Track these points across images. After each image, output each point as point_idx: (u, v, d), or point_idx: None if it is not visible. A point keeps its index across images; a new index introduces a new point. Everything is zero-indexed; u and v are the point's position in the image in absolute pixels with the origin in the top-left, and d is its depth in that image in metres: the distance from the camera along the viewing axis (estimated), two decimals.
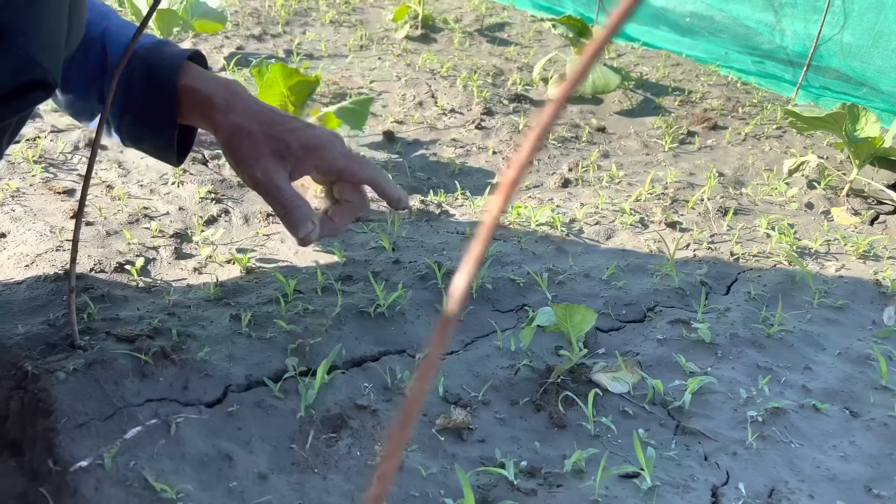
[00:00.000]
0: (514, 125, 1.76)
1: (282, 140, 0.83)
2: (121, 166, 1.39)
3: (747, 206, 1.40)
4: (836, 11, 1.95)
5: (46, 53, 0.83)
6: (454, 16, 2.85)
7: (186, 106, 0.88)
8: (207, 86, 0.86)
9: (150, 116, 0.87)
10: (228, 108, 0.85)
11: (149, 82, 0.85)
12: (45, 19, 0.81)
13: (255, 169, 0.82)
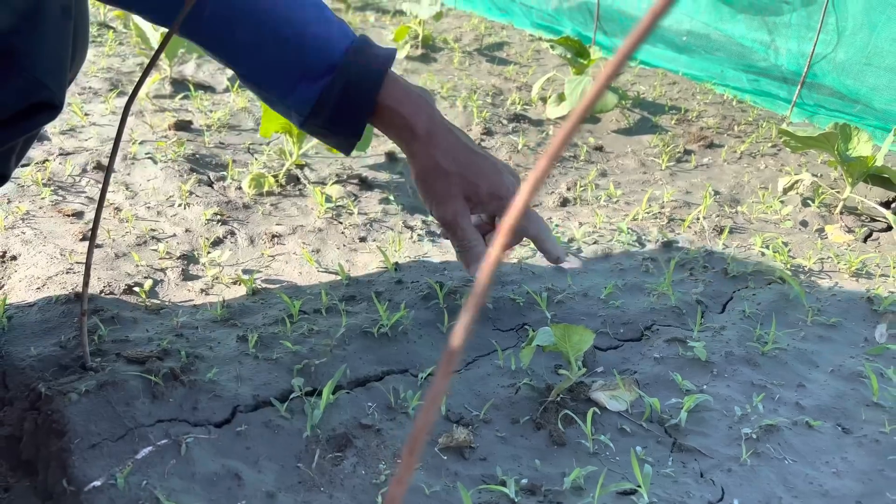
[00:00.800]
0: (513, 145, 1.79)
1: (474, 184, 0.90)
2: (128, 188, 1.42)
3: (742, 225, 1.43)
4: (830, 30, 1.98)
5: (52, 75, 0.86)
6: (454, 35, 2.89)
7: (381, 122, 0.91)
8: (408, 109, 0.90)
9: (338, 126, 0.90)
10: (430, 141, 0.90)
11: (346, 99, 0.88)
12: (50, 43, 0.84)
13: (444, 208, 0.90)
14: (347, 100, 0.90)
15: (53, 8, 0.83)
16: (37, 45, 0.82)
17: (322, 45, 0.90)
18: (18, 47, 0.80)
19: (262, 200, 1.42)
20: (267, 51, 0.90)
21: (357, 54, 0.91)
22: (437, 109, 0.93)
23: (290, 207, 1.40)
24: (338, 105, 0.90)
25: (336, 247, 1.27)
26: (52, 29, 0.83)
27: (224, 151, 1.63)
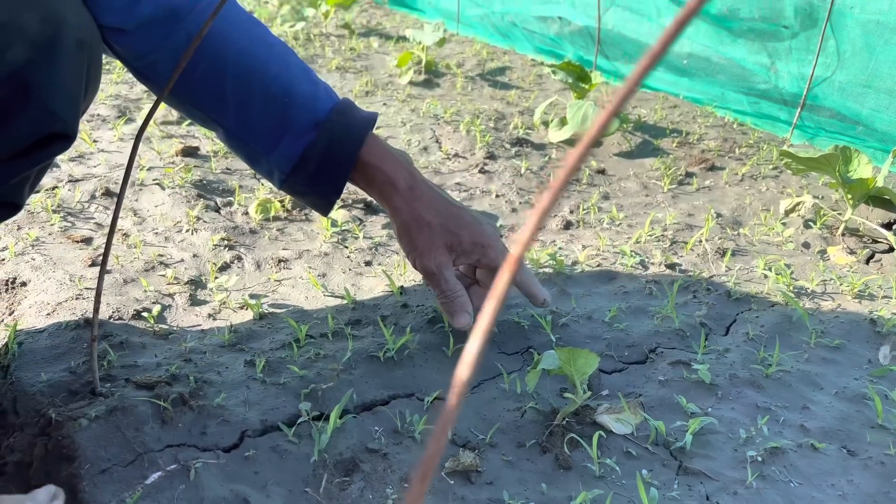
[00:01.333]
0: (516, 169, 1.81)
1: (456, 234, 0.96)
2: (136, 214, 1.44)
3: (745, 247, 1.44)
4: (830, 53, 2.01)
5: (66, 107, 0.88)
6: (456, 61, 2.93)
7: (363, 178, 0.98)
8: (389, 166, 0.96)
9: (320, 184, 0.96)
10: (412, 195, 0.96)
11: (329, 155, 0.94)
12: (65, 76, 0.86)
13: (427, 259, 0.96)
14: (331, 156, 0.94)
15: (69, 41, 0.85)
16: (52, 77, 0.84)
17: (308, 103, 0.95)
18: (34, 80, 0.83)
19: (269, 225, 1.43)
20: (255, 107, 0.94)
21: (341, 114, 0.96)
22: (419, 172, 0.99)
23: (296, 232, 1.42)
24: (321, 161, 0.94)
25: (342, 271, 1.29)
26: (67, 62, 0.86)
27: (230, 177, 1.65)
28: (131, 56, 0.96)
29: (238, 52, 0.94)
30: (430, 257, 0.98)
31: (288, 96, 0.95)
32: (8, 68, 0.81)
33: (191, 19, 0.93)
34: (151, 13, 0.93)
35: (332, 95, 0.99)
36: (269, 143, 0.96)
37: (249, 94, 0.95)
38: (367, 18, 3.73)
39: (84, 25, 0.88)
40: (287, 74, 0.97)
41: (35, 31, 0.82)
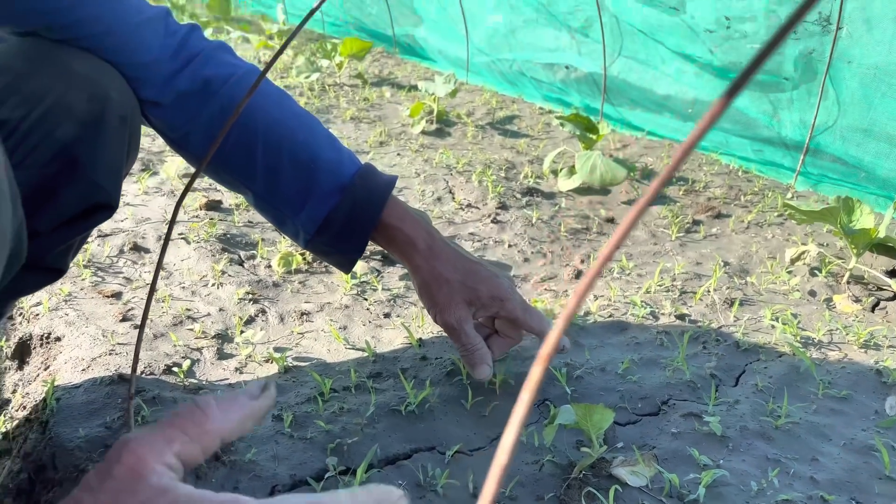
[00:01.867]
0: (527, 219, 1.86)
1: (474, 289, 1.03)
2: (164, 268, 1.49)
3: (752, 297, 1.48)
4: (830, 102, 2.07)
5: (110, 179, 0.94)
6: (466, 110, 3.01)
7: (385, 238, 1.05)
8: (409, 227, 1.02)
9: (343, 243, 1.03)
10: (431, 253, 1.03)
11: (352, 217, 1.01)
12: (109, 150, 0.93)
13: (448, 315, 1.02)
14: (354, 218, 1.01)
15: (113, 117, 0.92)
16: (98, 152, 0.90)
17: (333, 168, 1.02)
18: (81, 155, 0.89)
19: (291, 278, 1.49)
20: (284, 173, 1.01)
21: (363, 178, 1.03)
22: (438, 231, 1.05)
23: (317, 285, 1.47)
24: (345, 223, 1.01)
25: (362, 323, 1.33)
26: (111, 136, 0.92)
27: (253, 230, 1.71)
28: (167, 127, 1.03)
29: (268, 122, 1.01)
30: (451, 313, 1.03)
31: (314, 162, 1.01)
32: (58, 145, 0.87)
33: (223, 92, 1.00)
34: (187, 87, 0.99)
35: (354, 161, 1.05)
36: (296, 207, 1.02)
37: (278, 161, 1.00)
38: (379, 68, 3.84)
39: (126, 101, 0.95)
40: (313, 142, 1.03)
41: (83, 109, 0.88)
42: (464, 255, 1.06)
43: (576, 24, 2.84)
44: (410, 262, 1.04)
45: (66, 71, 0.89)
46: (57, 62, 0.89)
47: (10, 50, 0.90)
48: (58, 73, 0.88)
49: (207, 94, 1.00)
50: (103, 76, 0.93)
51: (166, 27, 1.00)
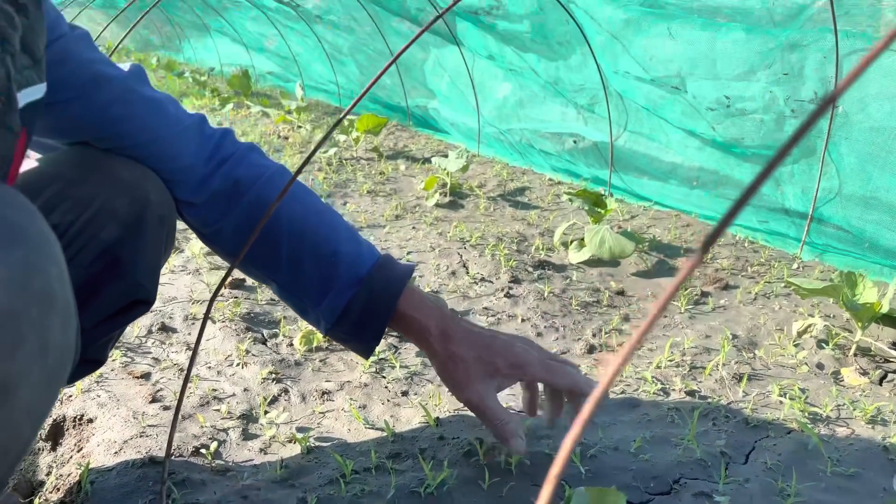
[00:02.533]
0: (539, 293, 1.92)
1: (491, 363, 1.07)
2: (189, 348, 1.55)
3: (760, 371, 1.51)
4: (831, 175, 2.14)
5: (148, 277, 1.01)
6: (478, 182, 3.11)
7: (401, 326, 1.11)
8: (423, 314, 1.06)
9: (361, 332, 1.08)
10: (444, 337, 1.08)
11: (369, 308, 1.07)
12: (148, 249, 1.00)
13: (468, 392, 1.07)
14: (371, 308, 1.07)
15: (152, 218, 1.00)
16: (138, 252, 0.98)
17: (352, 261, 1.08)
18: (123, 255, 0.96)
19: (312, 356, 1.54)
20: (306, 266, 1.07)
21: (381, 270, 1.09)
22: (449, 309, 1.10)
23: (336, 362, 1.52)
24: (363, 313, 1.06)
25: (381, 402, 1.38)
26: (150, 237, 0.99)
27: (275, 308, 1.77)
28: (200, 224, 1.10)
29: (292, 218, 1.08)
30: (472, 390, 1.07)
31: (335, 256, 1.08)
32: (102, 246, 0.95)
33: (252, 192, 1.07)
34: (219, 187, 1.07)
35: (374, 253, 1.12)
36: (318, 297, 1.08)
37: (301, 255, 1.07)
38: (394, 141, 3.97)
39: (164, 202, 1.03)
40: (334, 237, 1.10)
41: (125, 212, 0.96)
42: (478, 331, 1.10)
43: (582, 101, 2.96)
44: (427, 348, 1.09)
45: (111, 178, 0.97)
46: (103, 170, 0.97)
47: (62, 158, 0.99)
48: (104, 180, 0.96)
49: (237, 194, 1.07)
50: (144, 180, 1.01)
51: (202, 133, 1.09)
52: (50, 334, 0.54)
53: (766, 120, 2.13)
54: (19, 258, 0.52)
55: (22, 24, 0.71)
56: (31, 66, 0.74)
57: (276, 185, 1.10)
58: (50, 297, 0.54)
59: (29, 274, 0.52)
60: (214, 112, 4.80)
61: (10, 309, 0.50)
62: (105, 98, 0.97)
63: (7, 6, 0.69)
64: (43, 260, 0.54)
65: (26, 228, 0.54)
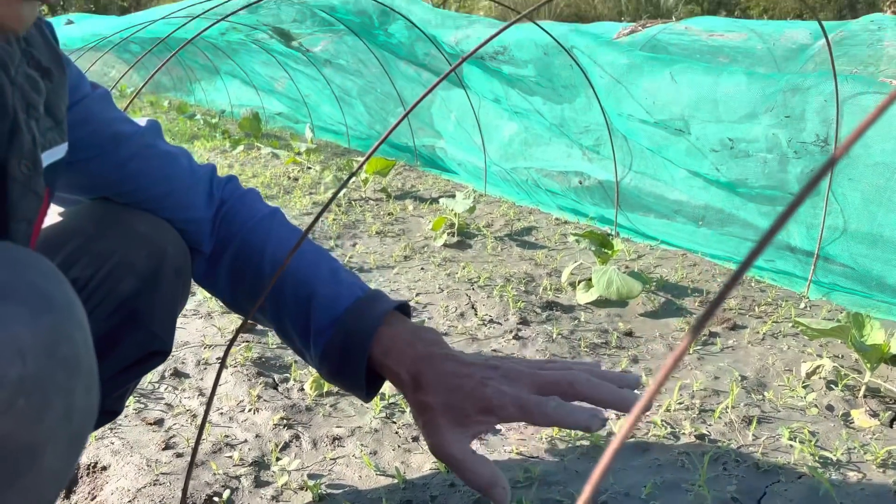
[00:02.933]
0: (548, 334, 1.93)
1: (461, 409, 0.88)
2: (202, 394, 1.57)
3: (770, 414, 1.51)
4: (836, 213, 2.16)
5: (165, 328, 1.03)
6: (486, 221, 3.14)
7: (383, 372, 1.00)
8: (395, 359, 0.94)
9: (344, 378, 1.01)
10: (415, 384, 0.91)
11: (343, 351, 0.97)
12: (165, 301, 1.02)
13: (437, 445, 0.88)
14: (345, 353, 1.00)
15: (169, 270, 1.02)
16: (155, 303, 1.00)
17: (328, 304, 1.02)
18: (140, 307, 0.98)
19: (323, 401, 1.55)
20: (288, 309, 1.05)
21: (355, 311, 0.98)
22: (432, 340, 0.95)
23: (347, 407, 1.54)
24: (340, 357, 1.00)
25: (391, 447, 1.39)
26: (167, 289, 1.02)
27: (286, 352, 1.79)
28: (202, 273, 1.12)
29: (274, 262, 1.06)
30: (441, 442, 0.90)
31: (312, 297, 1.03)
32: (120, 299, 0.97)
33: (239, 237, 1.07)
34: (218, 235, 1.09)
35: (353, 292, 1.02)
36: (303, 341, 1.06)
37: (282, 299, 1.06)
38: (402, 181, 4.03)
39: (180, 254, 1.06)
40: (313, 277, 1.05)
41: (143, 265, 0.99)
42: (451, 369, 0.94)
43: (587, 142, 3.00)
44: (404, 397, 0.98)
45: (129, 232, 1.00)
46: (121, 224, 1.00)
47: (82, 213, 1.02)
48: (122, 234, 0.99)
49: (228, 240, 1.09)
50: (161, 234, 1.03)
51: (212, 183, 1.11)
52: (75, 398, 0.56)
53: (769, 161, 2.16)
54: (47, 324, 0.54)
55: (46, 89, 0.74)
56: (54, 127, 0.77)
57: (264, 229, 1.09)
58: (75, 362, 0.56)
59: (56, 340, 0.55)
60: (225, 154, 4.88)
61: (38, 375, 0.52)
62: (124, 155, 1.01)
63: (33, 72, 0.72)
64: (69, 325, 0.57)
65: (53, 294, 0.57)
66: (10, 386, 0.50)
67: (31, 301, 0.55)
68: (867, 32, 2.96)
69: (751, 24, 4.16)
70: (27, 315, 0.53)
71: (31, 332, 0.53)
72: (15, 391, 0.50)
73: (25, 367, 0.51)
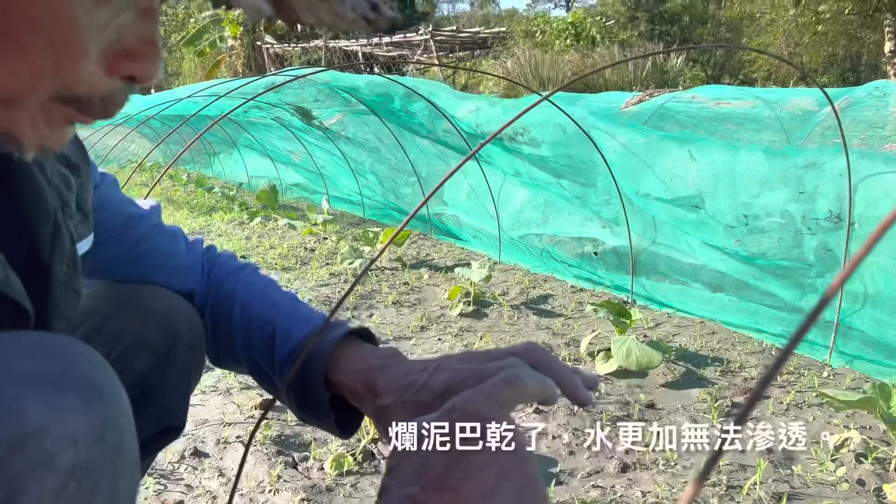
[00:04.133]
0: (568, 408, 1.91)
1: (415, 402, 0.86)
2: (222, 474, 1.56)
3: (800, 490, 1.48)
4: (855, 285, 2.15)
5: (179, 403, 1.04)
6: (501, 290, 3.15)
7: (340, 392, 0.98)
8: (350, 375, 0.88)
9: (308, 404, 0.99)
10: (371, 393, 0.91)
11: (303, 376, 0.97)
12: (179, 377, 1.03)
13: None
14: (305, 378, 0.98)
15: (183, 347, 1.03)
16: (169, 380, 1.01)
17: (286, 336, 1.03)
18: (154, 384, 0.99)
19: (343, 481, 1.54)
20: (255, 351, 1.05)
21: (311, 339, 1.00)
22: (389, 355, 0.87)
23: (368, 487, 1.52)
24: (302, 385, 0.98)
25: None
26: (180, 364, 1.03)
27: (304, 429, 1.78)
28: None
29: (242, 306, 1.07)
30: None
31: (273, 333, 1.05)
32: (135, 376, 0.98)
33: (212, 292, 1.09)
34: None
35: (309, 323, 1.03)
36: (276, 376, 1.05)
37: (250, 342, 1.06)
38: (416, 250, 4.06)
39: (194, 331, 1.07)
40: (273, 314, 1.05)
41: (157, 343, 1.01)
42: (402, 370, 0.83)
43: (606, 215, 3.04)
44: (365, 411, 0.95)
45: (143, 310, 1.02)
46: (135, 302, 1.02)
47: (98, 294, 1.04)
48: (136, 313, 1.01)
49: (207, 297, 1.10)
50: (175, 311, 1.05)
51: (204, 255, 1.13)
52: (119, 483, 0.57)
53: (784, 237, 2.18)
54: (97, 413, 0.56)
55: (76, 185, 0.78)
56: (83, 220, 0.81)
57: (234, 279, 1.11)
58: (121, 448, 0.58)
59: (105, 427, 0.56)
60: (243, 226, 4.96)
61: (88, 461, 0.54)
62: (134, 237, 1.04)
63: (64, 169, 0.75)
64: (116, 413, 0.59)
65: (102, 384, 0.59)
66: (63, 472, 0.52)
67: (84, 390, 0.57)
68: (872, 99, 3.01)
69: (757, 92, 4.25)
70: (80, 404, 0.56)
71: (83, 421, 0.55)
72: (68, 476, 0.53)
73: (78, 453, 0.53)
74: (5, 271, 0.62)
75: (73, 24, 0.53)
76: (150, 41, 0.58)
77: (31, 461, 0.52)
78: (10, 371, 0.56)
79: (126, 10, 0.55)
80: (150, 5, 0.57)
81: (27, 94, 0.55)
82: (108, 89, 0.58)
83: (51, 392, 0.56)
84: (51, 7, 0.52)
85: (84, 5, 0.53)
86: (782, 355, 0.28)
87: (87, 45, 0.54)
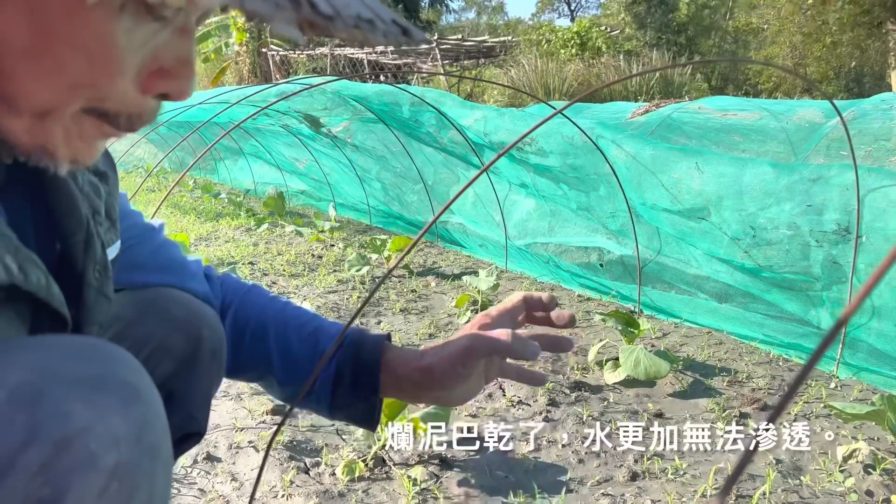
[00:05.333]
0: (578, 416, 1.93)
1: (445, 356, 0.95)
2: (234, 479, 1.57)
3: (809, 500, 1.49)
4: (864, 305, 2.17)
5: (201, 409, 1.05)
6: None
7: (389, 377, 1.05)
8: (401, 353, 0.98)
9: (360, 389, 1.03)
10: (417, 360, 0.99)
11: (358, 362, 1.02)
12: (201, 383, 1.05)
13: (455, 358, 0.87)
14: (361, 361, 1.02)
15: (205, 353, 1.05)
16: (191, 386, 1.03)
17: (333, 332, 1.07)
18: (177, 390, 1.01)
19: (354, 487, 1.55)
20: (293, 347, 1.08)
21: (358, 330, 1.07)
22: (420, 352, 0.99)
23: (379, 493, 1.53)
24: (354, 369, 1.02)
25: None
26: (203, 370, 1.05)
27: (316, 435, 1.80)
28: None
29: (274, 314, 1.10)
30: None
31: (319, 330, 1.09)
32: (158, 381, 1.00)
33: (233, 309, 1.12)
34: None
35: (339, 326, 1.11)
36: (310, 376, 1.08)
37: (288, 339, 1.09)
38: (424, 258, 4.08)
39: (216, 337, 1.09)
40: (311, 317, 1.11)
41: (180, 349, 1.02)
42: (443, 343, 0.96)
43: (613, 226, 3.06)
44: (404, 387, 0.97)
45: (167, 316, 1.04)
46: (159, 308, 1.04)
47: (121, 299, 1.06)
48: (160, 319, 1.03)
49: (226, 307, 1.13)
50: (197, 318, 1.07)
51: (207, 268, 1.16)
52: (156, 483, 0.59)
53: (791, 249, 2.19)
54: (137, 414, 0.59)
55: (104, 192, 0.80)
56: (111, 227, 0.83)
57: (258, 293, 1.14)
58: (158, 449, 0.60)
59: (144, 428, 0.59)
60: (250, 232, 4.98)
61: (129, 461, 0.56)
62: (151, 245, 1.07)
63: (93, 178, 0.78)
64: (153, 415, 0.61)
65: (139, 386, 0.61)
66: (106, 471, 0.55)
67: (123, 392, 0.59)
68: (879, 111, 3.03)
69: (763, 104, 4.27)
70: (120, 406, 0.58)
71: (124, 422, 0.57)
72: (110, 476, 0.55)
73: (120, 454, 0.56)
74: (47, 280, 0.64)
75: (113, 45, 0.55)
76: (186, 59, 0.60)
77: (76, 461, 0.55)
78: (55, 373, 0.58)
79: (163, 29, 0.57)
80: (187, 24, 0.59)
81: (63, 107, 0.58)
82: (138, 106, 0.60)
83: (93, 394, 0.59)
84: (92, 28, 0.54)
85: (124, 26, 0.55)
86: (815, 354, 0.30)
87: (124, 63, 0.56)
